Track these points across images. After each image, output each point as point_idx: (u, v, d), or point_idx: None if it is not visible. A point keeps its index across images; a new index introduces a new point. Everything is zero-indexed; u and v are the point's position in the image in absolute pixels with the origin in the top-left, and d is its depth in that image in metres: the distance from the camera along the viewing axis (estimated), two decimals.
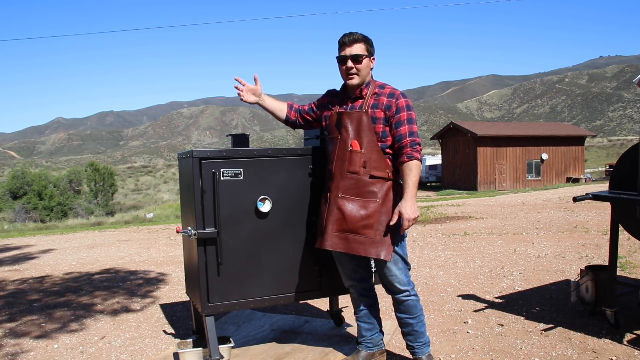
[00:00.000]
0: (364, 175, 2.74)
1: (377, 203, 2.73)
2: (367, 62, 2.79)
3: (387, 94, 2.78)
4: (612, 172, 3.62)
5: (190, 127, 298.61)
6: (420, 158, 2.73)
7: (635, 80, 3.76)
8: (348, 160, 2.76)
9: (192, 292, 3.33)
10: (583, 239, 7.17)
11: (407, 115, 2.75)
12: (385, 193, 2.75)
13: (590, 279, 3.69)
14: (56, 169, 75.24)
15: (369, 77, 2.84)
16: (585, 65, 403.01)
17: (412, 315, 2.88)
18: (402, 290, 2.84)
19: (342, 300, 3.72)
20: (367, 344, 3.04)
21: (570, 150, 36.65)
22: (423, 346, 2.92)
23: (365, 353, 3.03)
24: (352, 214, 2.74)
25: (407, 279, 2.85)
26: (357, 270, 2.99)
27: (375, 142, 2.75)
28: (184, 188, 3.27)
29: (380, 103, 2.77)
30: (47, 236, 11.71)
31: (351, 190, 2.76)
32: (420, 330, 2.90)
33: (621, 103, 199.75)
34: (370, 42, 2.80)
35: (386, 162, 2.76)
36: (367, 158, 2.74)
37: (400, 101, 2.75)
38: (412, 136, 2.72)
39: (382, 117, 2.75)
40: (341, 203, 2.77)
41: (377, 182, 2.75)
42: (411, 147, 2.71)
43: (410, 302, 2.86)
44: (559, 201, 14.31)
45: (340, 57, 2.79)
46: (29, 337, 3.94)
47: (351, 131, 2.78)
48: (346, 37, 2.77)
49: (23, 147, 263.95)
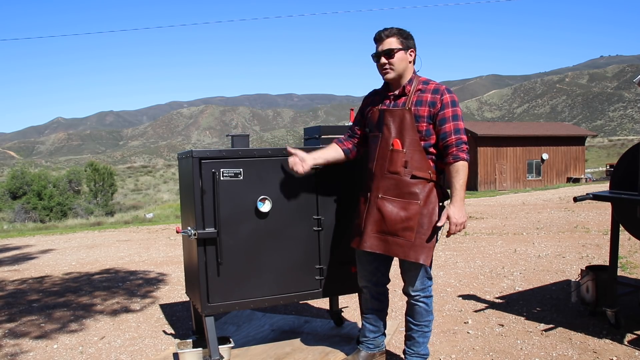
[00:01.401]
0: (405, 175, 2.65)
1: (418, 205, 2.64)
2: (402, 55, 2.68)
3: (431, 90, 2.68)
4: (612, 172, 3.61)
5: (190, 127, 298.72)
6: (467, 158, 2.61)
7: (635, 80, 3.75)
8: (389, 159, 2.68)
9: (192, 292, 3.33)
10: (583, 239, 7.16)
11: (453, 112, 2.64)
12: (427, 194, 2.65)
13: (591, 279, 3.69)
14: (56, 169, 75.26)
15: (409, 73, 2.73)
16: (585, 65, 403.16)
17: (416, 322, 2.81)
18: (412, 294, 2.77)
19: (342, 300, 3.71)
20: (368, 345, 3.02)
21: (570, 150, 36.63)
22: (415, 355, 2.84)
23: (365, 353, 3.00)
24: (391, 215, 2.66)
25: (422, 286, 2.76)
26: (376, 273, 2.92)
27: (418, 142, 2.66)
28: (184, 188, 3.27)
29: (424, 100, 2.67)
30: (47, 236, 11.71)
31: (392, 191, 2.68)
32: (419, 340, 2.83)
33: (622, 103, 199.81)
34: (404, 35, 2.69)
35: (428, 163, 2.67)
36: (408, 158, 2.65)
37: (445, 97, 2.65)
38: (457, 134, 2.62)
39: (425, 115, 2.65)
40: (381, 204, 2.69)
41: (419, 183, 2.65)
42: (457, 147, 2.61)
43: (417, 308, 2.78)
44: (560, 201, 14.31)
45: (374, 54, 2.72)
46: (29, 338, 3.93)
47: (393, 129, 2.68)
48: (378, 34, 2.70)
49: (22, 147, 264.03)
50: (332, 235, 3.18)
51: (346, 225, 3.22)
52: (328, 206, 3.17)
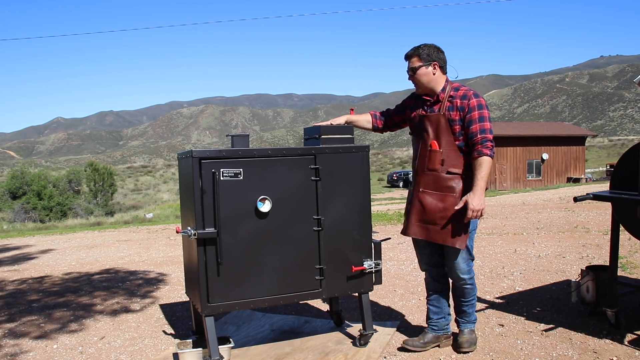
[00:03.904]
0: (442, 171, 3.06)
1: (454, 197, 3.04)
2: (424, 71, 3.08)
3: (460, 96, 3.08)
4: (612, 172, 3.61)
5: (190, 127, 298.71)
6: (490, 154, 2.97)
7: (636, 80, 3.76)
8: (428, 158, 3.09)
9: (192, 292, 3.32)
10: (584, 239, 7.16)
11: (479, 114, 3.02)
12: (461, 188, 3.05)
13: (591, 279, 3.68)
14: (55, 169, 75.24)
15: (439, 82, 3.12)
16: (585, 65, 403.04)
17: (464, 299, 3.24)
18: (461, 277, 3.15)
19: (342, 301, 3.71)
20: (433, 327, 3.30)
21: (570, 150, 36.62)
22: (467, 323, 3.27)
23: (431, 335, 3.28)
24: (431, 206, 3.08)
25: (467, 267, 3.15)
26: (433, 256, 3.27)
27: (453, 142, 3.06)
28: (184, 188, 3.27)
29: (455, 105, 3.07)
30: (47, 236, 11.70)
31: (431, 185, 3.09)
32: (469, 311, 3.27)
33: (622, 103, 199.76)
34: (426, 52, 3.08)
35: (462, 160, 3.07)
36: (445, 156, 3.05)
37: (472, 101, 3.04)
38: (482, 133, 2.99)
39: (457, 119, 3.05)
40: (422, 197, 3.11)
41: (454, 178, 3.05)
42: (481, 144, 2.98)
43: (466, 290, 3.21)
44: (560, 201, 14.30)
45: (407, 71, 3.16)
46: (29, 338, 3.93)
47: (431, 132, 3.10)
48: (406, 55, 3.14)
49: (22, 147, 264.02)
50: (332, 235, 3.18)
51: (346, 225, 3.22)
52: (328, 206, 3.17)
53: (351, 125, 3.36)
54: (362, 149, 3.27)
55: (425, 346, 3.24)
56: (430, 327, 3.31)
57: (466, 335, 3.25)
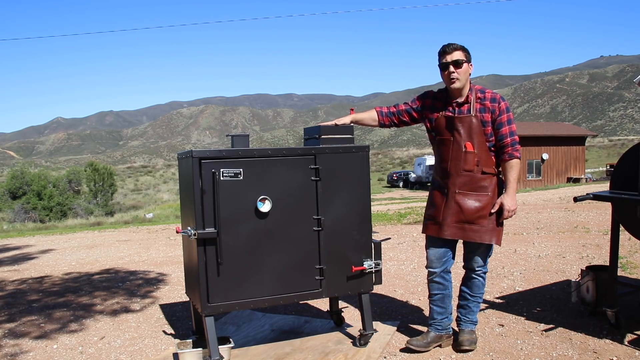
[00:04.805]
0: (477, 172, 3.14)
1: (489, 195, 3.16)
2: (466, 67, 3.12)
3: (489, 98, 3.16)
4: (612, 172, 3.61)
5: (190, 127, 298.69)
6: (519, 156, 3.14)
7: (636, 80, 3.76)
8: (463, 160, 3.13)
9: (192, 292, 3.32)
10: (584, 239, 7.16)
11: (507, 117, 3.13)
12: (495, 186, 3.18)
13: (591, 279, 3.68)
14: (55, 169, 75.22)
15: (468, 83, 3.17)
16: (585, 65, 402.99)
17: (472, 293, 3.31)
18: (476, 269, 3.26)
19: (342, 300, 3.71)
20: (436, 327, 3.32)
21: (571, 150, 36.61)
22: (469, 322, 3.32)
23: (434, 334, 3.31)
24: (468, 207, 3.15)
25: (484, 262, 3.27)
26: (445, 256, 3.29)
27: (484, 143, 3.14)
28: (184, 188, 3.27)
29: (486, 107, 3.14)
30: (47, 236, 11.70)
31: (467, 186, 3.15)
32: (473, 309, 3.33)
33: (622, 103, 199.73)
34: (467, 51, 3.14)
35: (492, 159, 3.17)
36: (479, 157, 3.13)
37: (502, 104, 3.14)
38: (512, 136, 3.13)
39: (489, 120, 3.13)
40: (458, 198, 3.16)
41: (488, 177, 3.16)
42: (512, 147, 3.12)
43: (476, 282, 3.29)
44: (560, 201, 14.29)
45: (442, 64, 3.12)
46: (29, 338, 3.93)
47: (463, 133, 3.13)
48: (446, 47, 3.11)
49: (22, 147, 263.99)
50: (332, 235, 3.18)
51: (346, 225, 3.22)
52: (328, 206, 3.17)
53: (352, 125, 3.35)
54: (362, 149, 3.27)
55: (428, 346, 3.26)
56: (433, 327, 3.32)
57: (467, 334, 3.29)
